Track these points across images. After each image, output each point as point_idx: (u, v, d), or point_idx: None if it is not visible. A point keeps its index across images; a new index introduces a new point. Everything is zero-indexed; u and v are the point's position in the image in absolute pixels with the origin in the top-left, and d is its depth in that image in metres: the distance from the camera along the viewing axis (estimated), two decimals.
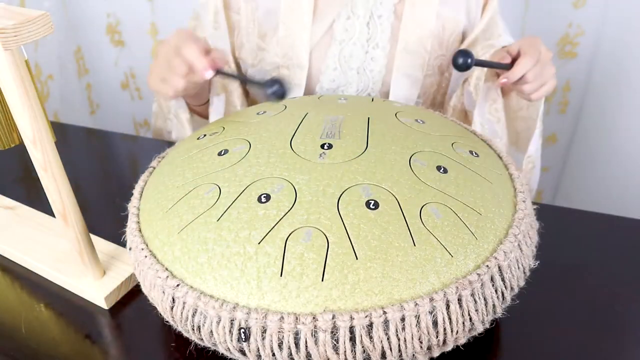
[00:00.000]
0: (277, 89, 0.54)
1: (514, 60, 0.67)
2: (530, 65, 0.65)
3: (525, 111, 0.81)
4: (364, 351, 0.38)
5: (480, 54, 0.81)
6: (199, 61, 0.59)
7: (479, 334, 0.43)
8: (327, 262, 0.40)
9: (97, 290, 0.55)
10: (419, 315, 0.39)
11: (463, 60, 0.62)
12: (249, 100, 0.91)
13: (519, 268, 0.44)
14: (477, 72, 0.77)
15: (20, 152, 0.60)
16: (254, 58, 0.84)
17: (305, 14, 0.78)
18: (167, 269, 0.44)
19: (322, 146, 0.49)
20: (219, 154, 0.51)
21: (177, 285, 0.42)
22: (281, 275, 0.40)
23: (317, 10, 0.79)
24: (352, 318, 0.38)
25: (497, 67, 0.68)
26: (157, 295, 0.44)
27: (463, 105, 0.83)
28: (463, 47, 0.83)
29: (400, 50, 0.79)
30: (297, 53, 0.79)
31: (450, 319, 0.40)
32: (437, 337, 0.39)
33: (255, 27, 0.82)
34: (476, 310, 0.41)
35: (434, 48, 0.80)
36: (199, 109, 0.84)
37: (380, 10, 0.78)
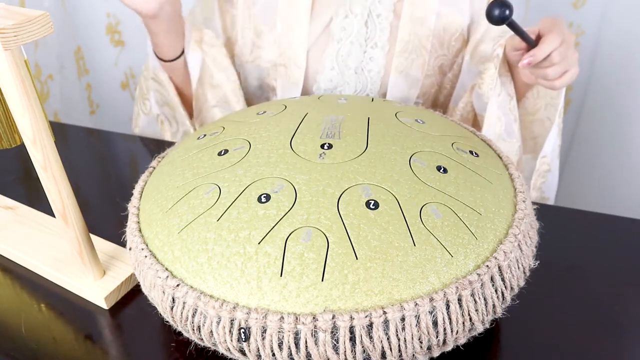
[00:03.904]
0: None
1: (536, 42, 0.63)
2: (556, 43, 0.61)
3: (543, 113, 0.77)
4: (364, 351, 0.38)
5: (488, 52, 0.79)
6: None
7: (479, 334, 0.43)
8: (327, 262, 0.40)
9: (97, 290, 0.55)
10: (419, 315, 0.39)
11: (500, 12, 0.52)
12: (249, 101, 0.91)
13: (519, 268, 0.44)
14: (490, 72, 0.74)
15: (20, 152, 0.60)
16: (249, 54, 0.83)
17: (302, 11, 0.77)
18: (167, 269, 0.44)
19: (322, 146, 0.49)
20: (219, 154, 0.51)
21: (177, 285, 0.42)
22: (281, 275, 0.40)
23: (314, 8, 0.78)
24: (352, 318, 0.38)
25: (525, 38, 0.61)
26: (157, 295, 0.44)
27: (471, 112, 0.81)
28: (470, 47, 0.81)
29: (400, 50, 0.78)
30: (295, 52, 0.79)
31: (450, 319, 0.40)
32: (437, 337, 0.39)
33: (252, 24, 0.81)
34: (476, 310, 0.41)
35: (434, 48, 0.79)
36: (172, 65, 0.81)
37: (379, 9, 0.77)
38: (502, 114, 0.75)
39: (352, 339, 0.38)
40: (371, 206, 0.43)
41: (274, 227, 0.42)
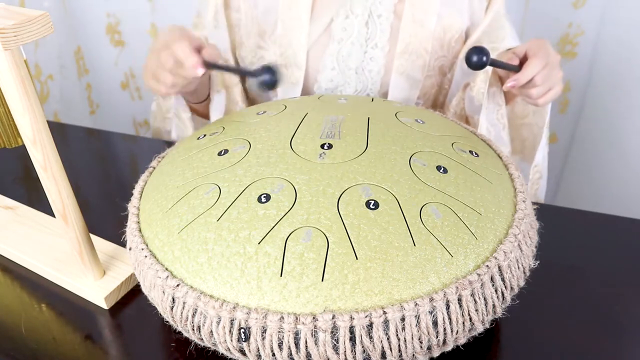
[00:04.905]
0: (268, 79, 0.54)
1: (521, 63, 0.65)
2: (539, 67, 0.63)
3: (531, 118, 0.79)
4: (364, 351, 0.38)
5: None
6: (189, 58, 0.58)
7: (479, 334, 0.43)
8: (327, 262, 0.40)
9: (97, 290, 0.55)
10: (419, 315, 0.39)
11: (478, 58, 0.57)
12: (250, 97, 0.91)
13: (519, 268, 0.44)
14: (481, 76, 0.76)
15: (20, 152, 0.60)
16: (253, 57, 0.84)
17: (303, 12, 0.78)
18: (167, 269, 0.44)
19: (322, 146, 0.49)
20: (219, 154, 0.51)
21: (177, 285, 0.42)
22: (281, 275, 0.40)
23: (315, 9, 0.78)
24: (352, 318, 0.38)
25: (507, 68, 0.65)
26: (157, 295, 0.44)
27: (463, 110, 0.82)
28: (465, 47, 0.82)
29: (401, 51, 0.78)
30: (295, 52, 0.79)
31: (450, 319, 0.40)
32: (437, 337, 0.39)
33: (255, 26, 0.82)
34: (476, 310, 0.41)
35: (434, 49, 0.80)
36: (198, 107, 0.83)
37: (379, 9, 0.77)
38: (491, 125, 0.77)
39: (352, 339, 0.38)
40: (371, 206, 0.43)
41: (274, 227, 0.42)
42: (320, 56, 0.80)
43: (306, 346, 0.38)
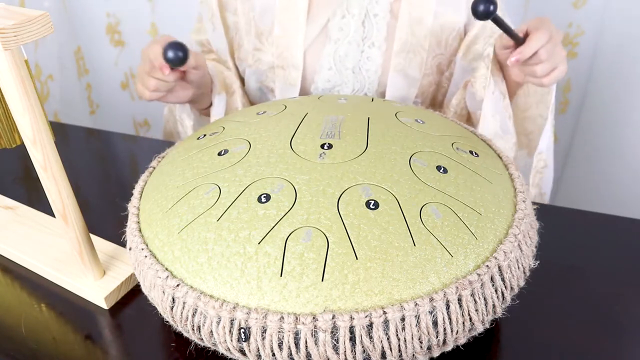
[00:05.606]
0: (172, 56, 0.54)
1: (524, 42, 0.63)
2: (544, 40, 0.61)
3: (535, 109, 0.78)
4: (364, 351, 0.38)
5: (481, 51, 0.80)
6: (157, 59, 0.62)
7: (479, 334, 0.43)
8: (327, 262, 0.40)
9: (97, 290, 0.55)
10: (419, 315, 0.39)
11: (485, 7, 0.53)
12: (250, 102, 0.91)
13: (519, 268, 0.44)
14: (482, 70, 0.75)
15: (20, 152, 0.60)
16: (251, 58, 0.84)
17: (299, 12, 0.78)
18: (167, 269, 0.44)
19: (322, 146, 0.49)
20: (219, 154, 0.51)
21: (177, 285, 0.42)
22: (281, 275, 0.40)
23: (311, 9, 0.78)
24: (352, 318, 0.38)
25: (511, 35, 0.62)
26: (157, 295, 0.44)
27: (464, 109, 0.82)
28: (464, 44, 0.82)
29: (398, 50, 0.78)
30: (292, 53, 0.79)
31: (450, 319, 0.40)
32: (437, 337, 0.39)
33: (252, 27, 0.82)
34: (476, 310, 0.41)
35: (432, 47, 0.80)
36: (204, 113, 0.85)
37: (376, 9, 0.78)
38: (497, 111, 0.75)
39: (352, 339, 0.38)
40: (371, 206, 0.43)
41: (274, 227, 0.42)
42: (317, 56, 0.80)
43: (306, 346, 0.38)
